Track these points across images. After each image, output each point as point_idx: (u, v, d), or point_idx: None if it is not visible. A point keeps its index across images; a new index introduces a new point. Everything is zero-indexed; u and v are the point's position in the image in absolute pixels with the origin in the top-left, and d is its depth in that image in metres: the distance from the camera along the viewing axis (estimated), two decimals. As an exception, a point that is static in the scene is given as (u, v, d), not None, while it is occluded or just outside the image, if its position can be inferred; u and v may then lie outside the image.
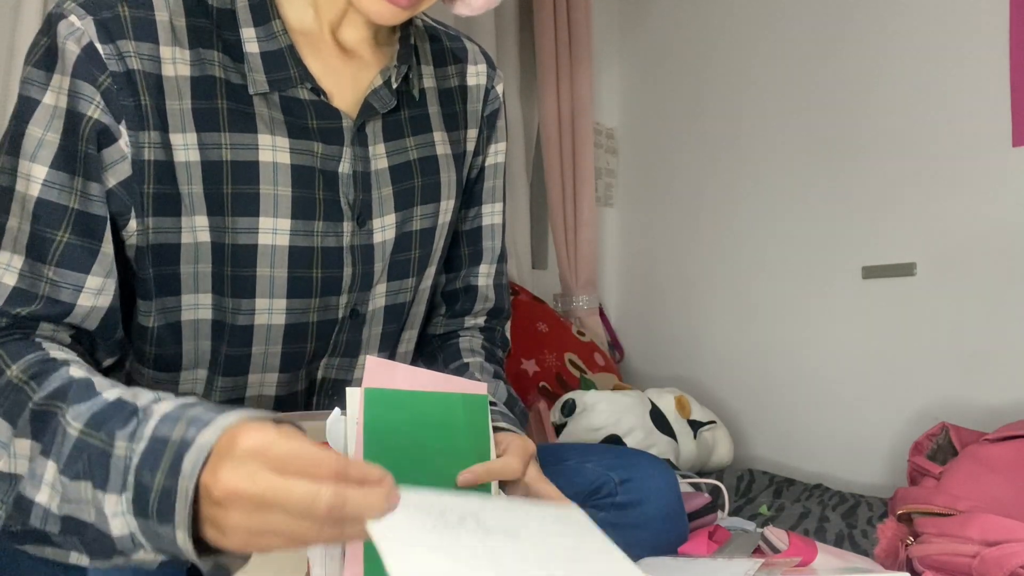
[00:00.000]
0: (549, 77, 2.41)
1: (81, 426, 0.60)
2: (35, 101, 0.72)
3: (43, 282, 0.70)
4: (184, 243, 0.77)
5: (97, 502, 0.58)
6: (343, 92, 0.84)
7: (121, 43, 0.72)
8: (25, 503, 0.61)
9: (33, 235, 0.70)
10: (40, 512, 0.60)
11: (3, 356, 0.67)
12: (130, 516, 0.57)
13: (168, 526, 0.54)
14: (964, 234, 1.91)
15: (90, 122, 0.72)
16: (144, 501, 0.55)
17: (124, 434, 0.58)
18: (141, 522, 0.56)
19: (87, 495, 0.58)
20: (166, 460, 0.55)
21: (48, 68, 0.72)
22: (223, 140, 0.76)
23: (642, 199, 2.65)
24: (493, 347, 1.04)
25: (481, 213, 1.02)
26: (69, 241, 0.71)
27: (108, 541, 0.58)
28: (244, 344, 0.81)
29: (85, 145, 0.72)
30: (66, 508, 0.59)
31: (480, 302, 1.03)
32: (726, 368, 2.36)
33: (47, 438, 0.61)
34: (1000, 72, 1.86)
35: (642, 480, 0.93)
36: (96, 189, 0.73)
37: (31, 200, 0.70)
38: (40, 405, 0.63)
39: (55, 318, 0.71)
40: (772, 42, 2.30)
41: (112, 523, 0.57)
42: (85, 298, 0.72)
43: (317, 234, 0.81)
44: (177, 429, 0.56)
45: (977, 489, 1.29)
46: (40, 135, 0.71)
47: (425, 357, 1.03)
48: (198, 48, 0.77)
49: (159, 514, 0.55)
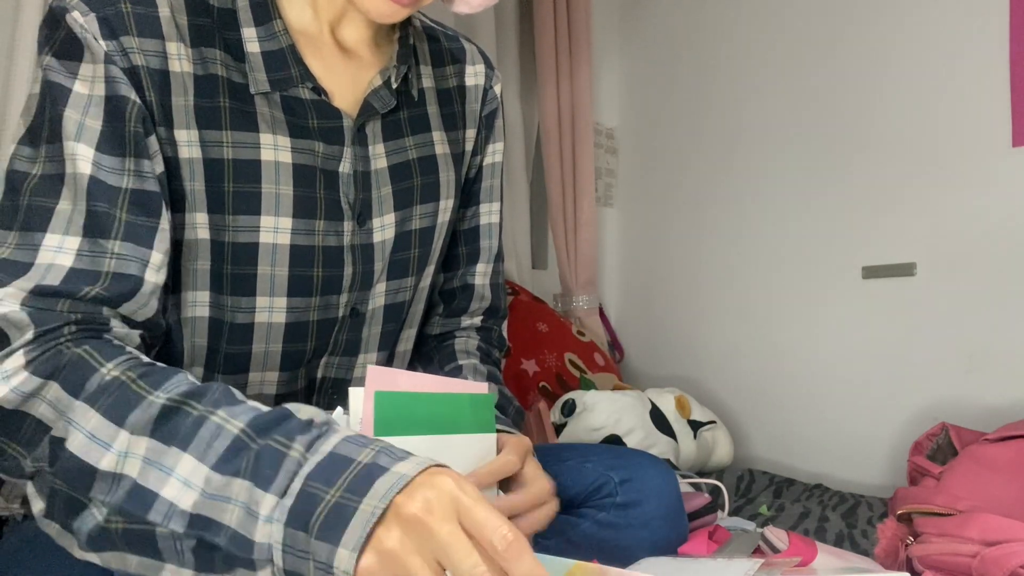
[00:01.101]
0: (549, 77, 2.41)
1: (243, 425, 0.58)
2: (66, 88, 0.70)
3: (107, 257, 0.68)
4: (186, 239, 0.77)
5: (252, 502, 0.55)
6: (343, 92, 0.84)
7: (124, 39, 0.72)
8: (146, 496, 0.57)
9: (91, 212, 0.68)
10: (164, 507, 0.57)
11: (91, 353, 0.63)
12: (279, 524, 0.54)
13: (326, 545, 0.52)
14: (964, 234, 1.91)
15: (135, 105, 0.71)
16: (307, 512, 0.54)
17: (304, 440, 0.57)
18: (290, 533, 0.54)
19: (241, 495, 0.56)
20: (348, 478, 0.54)
21: (73, 57, 0.71)
22: (225, 138, 0.76)
23: (642, 199, 2.65)
24: (490, 347, 1.04)
25: (479, 212, 1.02)
26: (128, 218, 0.70)
27: (243, 547, 0.55)
28: (244, 342, 0.81)
29: (133, 125, 0.71)
30: (204, 506, 0.56)
31: (476, 301, 1.03)
32: (726, 368, 2.36)
33: (183, 435, 0.58)
34: (1000, 72, 1.86)
35: (642, 480, 0.93)
36: (148, 166, 0.72)
37: (83, 178, 0.68)
38: (171, 403, 0.60)
39: (122, 297, 0.68)
40: (772, 42, 2.30)
41: (260, 527, 0.55)
42: (150, 273, 0.70)
43: (318, 233, 0.81)
44: (364, 453, 0.56)
45: (977, 489, 1.29)
46: (80, 119, 0.69)
47: (422, 358, 1.03)
48: (201, 47, 0.77)
49: (322, 528, 0.53)
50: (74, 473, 0.59)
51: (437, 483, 0.53)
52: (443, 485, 0.53)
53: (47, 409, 0.61)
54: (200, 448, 0.58)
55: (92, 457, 0.59)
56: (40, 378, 0.62)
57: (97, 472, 0.59)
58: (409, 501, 0.52)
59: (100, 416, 0.60)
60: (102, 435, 0.59)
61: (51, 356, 0.63)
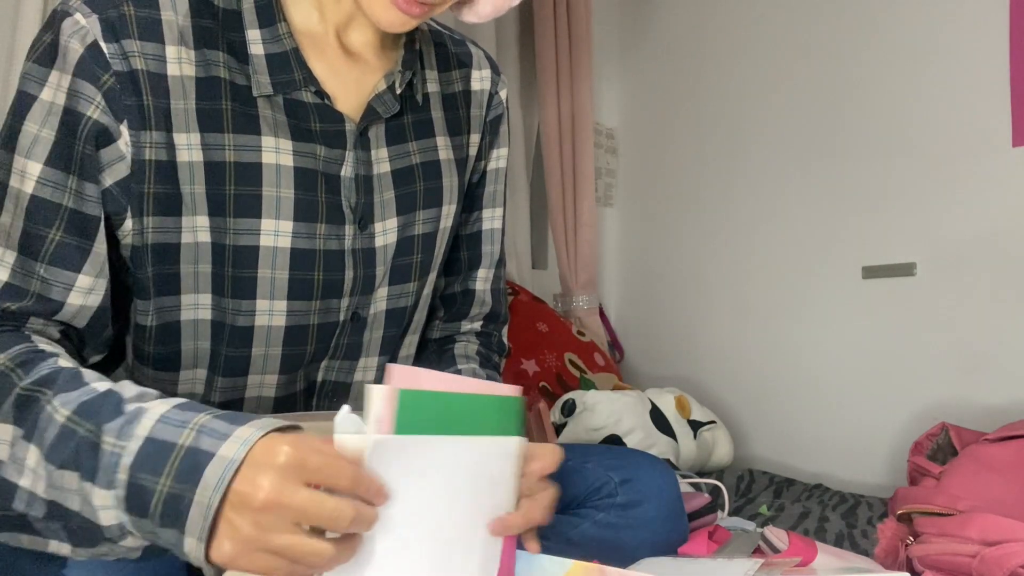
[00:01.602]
0: (549, 77, 2.41)
1: (69, 413, 0.61)
2: (32, 97, 0.71)
3: (34, 279, 0.71)
4: (184, 243, 0.77)
5: (84, 492, 0.59)
6: (347, 95, 0.83)
7: (126, 42, 0.72)
8: (8, 487, 0.61)
9: (26, 232, 0.71)
10: (24, 496, 0.61)
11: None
12: (121, 511, 0.58)
13: (172, 531, 0.55)
14: (964, 234, 1.91)
15: (89, 122, 0.72)
16: (142, 502, 0.56)
17: (112, 428, 0.59)
18: (135, 520, 0.57)
19: (73, 484, 0.59)
20: (173, 465, 0.56)
21: (48, 65, 0.71)
22: (227, 141, 0.76)
23: (642, 199, 2.65)
24: (489, 352, 1.04)
25: (481, 217, 1.02)
26: (61, 239, 0.71)
27: (95, 529, 0.59)
28: (244, 345, 0.81)
29: (83, 145, 0.72)
30: (52, 494, 0.60)
31: (477, 306, 1.03)
32: (726, 368, 2.36)
33: (30, 423, 0.62)
34: (1000, 72, 1.86)
35: (642, 480, 0.93)
36: (91, 189, 0.73)
37: (25, 197, 0.71)
38: (26, 390, 0.63)
39: (45, 314, 0.72)
40: (772, 42, 2.30)
41: (101, 514, 0.58)
42: (75, 296, 0.72)
43: (319, 237, 0.81)
44: (184, 435, 0.57)
45: (977, 489, 1.29)
46: (36, 131, 0.71)
47: (421, 362, 1.03)
48: (203, 49, 0.77)
49: (163, 517, 0.56)
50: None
51: (271, 459, 0.55)
52: (283, 460, 0.54)
53: None
54: (40, 437, 0.61)
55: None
56: None
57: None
58: (250, 488, 0.54)
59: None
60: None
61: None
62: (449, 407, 0.66)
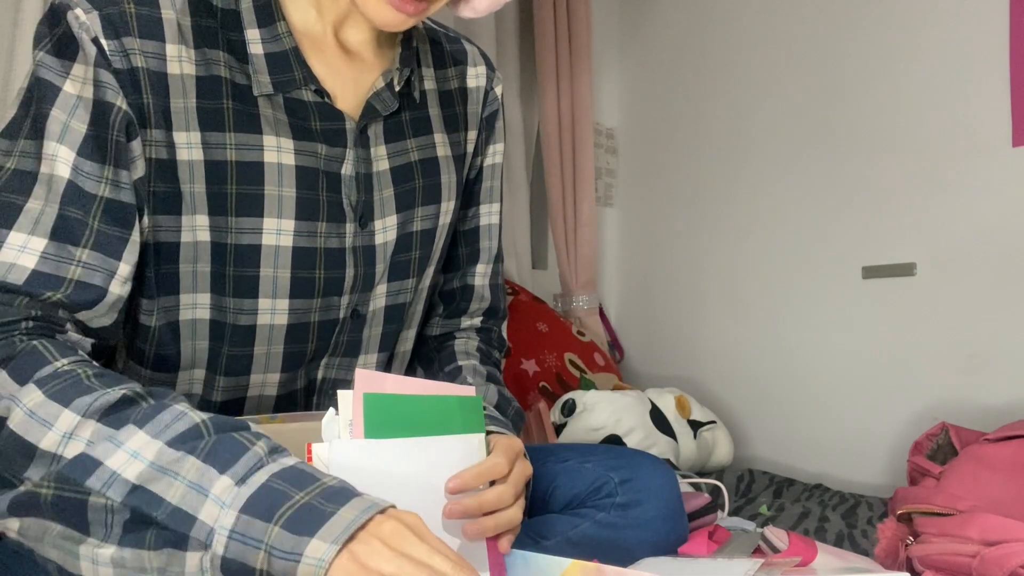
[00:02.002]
0: (549, 77, 2.41)
1: (205, 417, 0.60)
2: (55, 87, 0.70)
3: (73, 265, 0.68)
4: (184, 242, 0.76)
5: (206, 480, 0.57)
6: (345, 94, 0.84)
7: (126, 40, 0.72)
8: (89, 463, 0.57)
9: (62, 217, 0.68)
10: (106, 475, 0.57)
11: (47, 347, 0.64)
12: (230, 510, 0.56)
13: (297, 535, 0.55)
14: (964, 234, 1.91)
15: (120, 112, 0.71)
16: (269, 504, 0.56)
17: (267, 444, 0.60)
18: (244, 519, 0.55)
19: (191, 473, 0.57)
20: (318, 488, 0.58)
21: (67, 56, 0.70)
22: (228, 140, 0.76)
23: (642, 199, 2.65)
24: (489, 348, 1.04)
25: (479, 213, 1.02)
26: (100, 228, 0.70)
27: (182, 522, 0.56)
28: (246, 344, 0.81)
29: (115, 133, 0.71)
30: (149, 477, 0.57)
31: (476, 301, 1.03)
32: (726, 368, 2.36)
33: (138, 415, 0.60)
34: (1000, 72, 1.86)
35: (642, 480, 0.93)
36: (126, 177, 0.72)
37: (60, 181, 0.68)
38: (132, 392, 0.61)
39: (83, 305, 0.69)
40: (772, 42, 2.30)
41: (207, 506, 0.56)
42: (115, 285, 0.71)
43: (320, 235, 0.81)
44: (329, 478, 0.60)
45: (977, 489, 1.29)
46: (64, 120, 0.69)
47: (422, 359, 1.03)
48: (204, 48, 0.77)
49: (290, 521, 0.55)
50: (12, 453, 0.59)
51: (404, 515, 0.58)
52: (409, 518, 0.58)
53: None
54: (157, 428, 0.59)
55: (33, 436, 0.59)
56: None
57: (37, 451, 0.58)
58: (388, 521, 0.57)
59: (44, 396, 0.60)
60: (43, 413, 0.59)
61: (3, 346, 0.63)
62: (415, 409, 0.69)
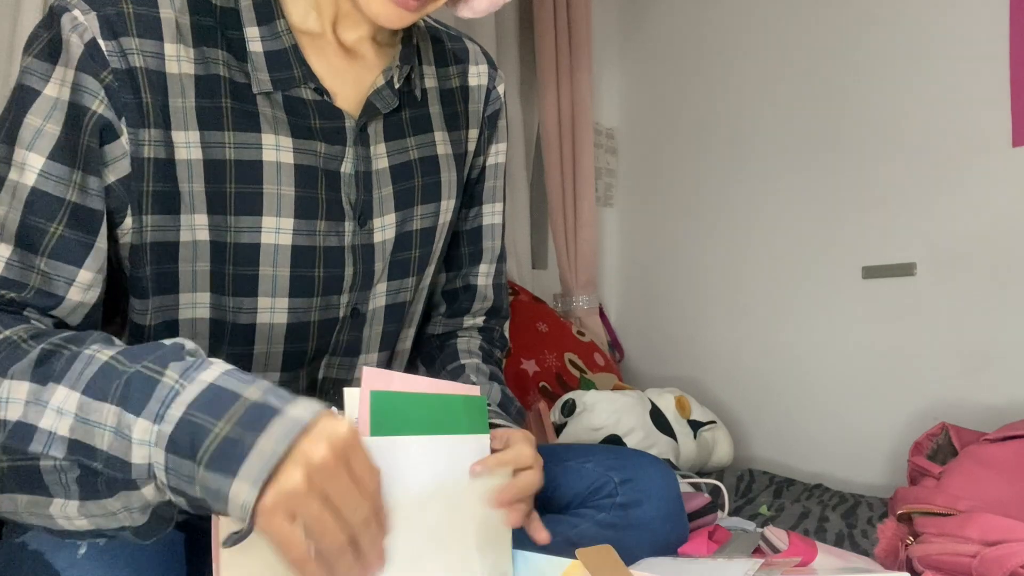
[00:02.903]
0: (549, 77, 2.41)
1: (113, 353, 0.61)
2: (35, 92, 0.71)
3: (34, 273, 0.69)
4: (183, 241, 0.76)
5: (122, 425, 0.57)
6: (345, 92, 0.84)
7: (124, 40, 0.72)
8: (26, 430, 0.59)
9: (25, 225, 0.69)
10: (44, 437, 0.59)
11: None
12: (158, 449, 0.57)
13: (219, 475, 0.55)
14: (964, 234, 1.91)
15: (94, 116, 0.71)
16: (192, 441, 0.56)
17: (178, 366, 0.59)
18: (172, 458, 0.56)
19: (109, 419, 0.58)
20: (236, 412, 0.56)
21: (50, 60, 0.71)
22: (227, 139, 0.76)
23: (642, 199, 2.65)
24: (491, 347, 1.04)
25: (481, 213, 1.02)
26: (63, 234, 0.70)
27: (120, 468, 0.57)
28: (246, 343, 0.81)
29: (87, 139, 0.71)
30: (78, 430, 0.58)
31: (479, 301, 1.03)
32: (726, 368, 2.36)
33: (58, 369, 0.60)
34: (1000, 72, 1.86)
35: (642, 481, 0.93)
36: (95, 183, 0.72)
37: (24, 189, 0.69)
38: (50, 346, 0.62)
39: (42, 309, 0.70)
40: (772, 42, 2.30)
41: (135, 450, 0.57)
42: (75, 292, 0.72)
43: (319, 234, 0.81)
44: (251, 390, 0.58)
45: (977, 489, 1.29)
46: (39, 125, 0.70)
47: (424, 357, 1.03)
48: (202, 47, 0.77)
49: (213, 459, 0.55)
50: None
51: (335, 429, 0.58)
52: (340, 431, 0.58)
53: None
54: (72, 378, 0.60)
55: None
56: None
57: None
58: (313, 446, 0.55)
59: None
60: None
61: None
62: (421, 407, 0.69)
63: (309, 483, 0.55)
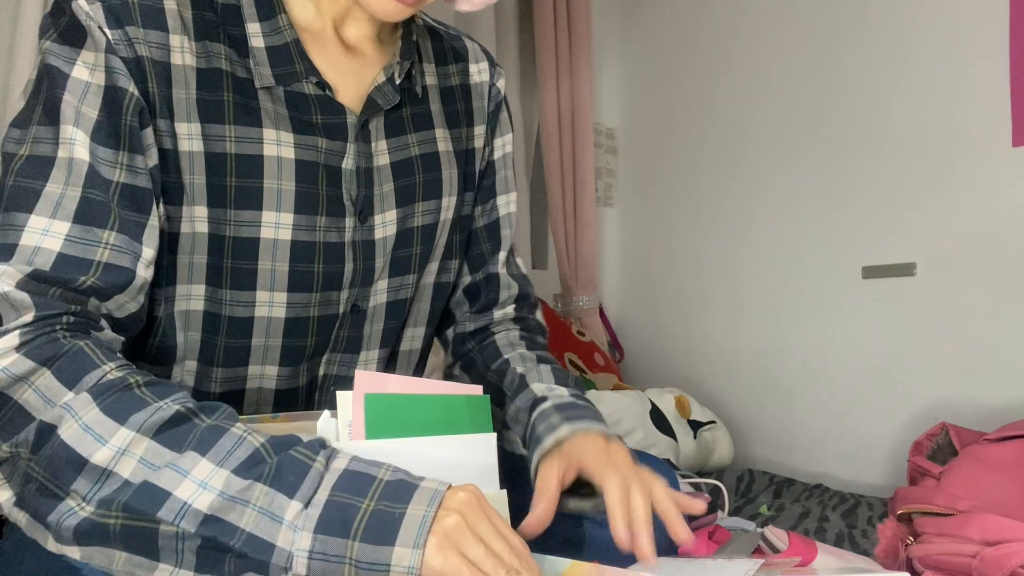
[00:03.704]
0: (549, 77, 2.41)
1: (263, 440, 0.61)
2: (64, 73, 0.69)
3: (101, 247, 0.67)
4: (183, 232, 0.76)
5: (276, 507, 0.58)
6: (347, 88, 0.84)
7: (130, 29, 0.72)
8: (158, 494, 0.58)
9: (86, 200, 0.67)
10: (177, 506, 0.57)
11: (93, 348, 0.63)
12: (305, 532, 0.57)
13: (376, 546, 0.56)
14: (964, 234, 1.91)
15: (133, 98, 0.71)
16: (342, 519, 0.57)
17: (324, 453, 0.61)
18: (321, 539, 0.57)
19: (260, 500, 0.58)
20: (377, 489, 0.59)
21: (75, 44, 0.70)
22: (228, 132, 0.76)
23: (642, 199, 2.65)
24: (532, 335, 1.03)
25: (497, 205, 1.02)
26: (120, 213, 0.69)
27: (261, 550, 0.57)
28: (243, 336, 0.81)
29: (129, 119, 0.71)
30: (220, 506, 0.57)
31: (504, 290, 1.02)
32: (726, 368, 2.36)
33: (198, 441, 0.60)
34: (1000, 72, 1.86)
35: (643, 481, 0.92)
36: (141, 162, 0.71)
37: (81, 164, 0.68)
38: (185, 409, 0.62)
39: (116, 290, 0.68)
40: (772, 42, 2.30)
41: (282, 532, 0.57)
42: (143, 269, 0.70)
43: (319, 229, 0.81)
44: (382, 472, 0.61)
45: (977, 489, 1.29)
46: (77, 105, 0.69)
47: (464, 364, 1.02)
48: (205, 41, 0.77)
49: (368, 532, 0.57)
50: (60, 463, 0.59)
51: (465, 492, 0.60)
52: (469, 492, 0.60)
53: (33, 396, 0.60)
54: (220, 454, 0.59)
55: (85, 449, 0.59)
56: (33, 362, 0.61)
57: (87, 465, 0.59)
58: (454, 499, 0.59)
59: (99, 411, 0.60)
60: (99, 429, 0.59)
61: (47, 343, 0.62)
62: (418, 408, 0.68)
63: (465, 519, 0.58)
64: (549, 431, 0.84)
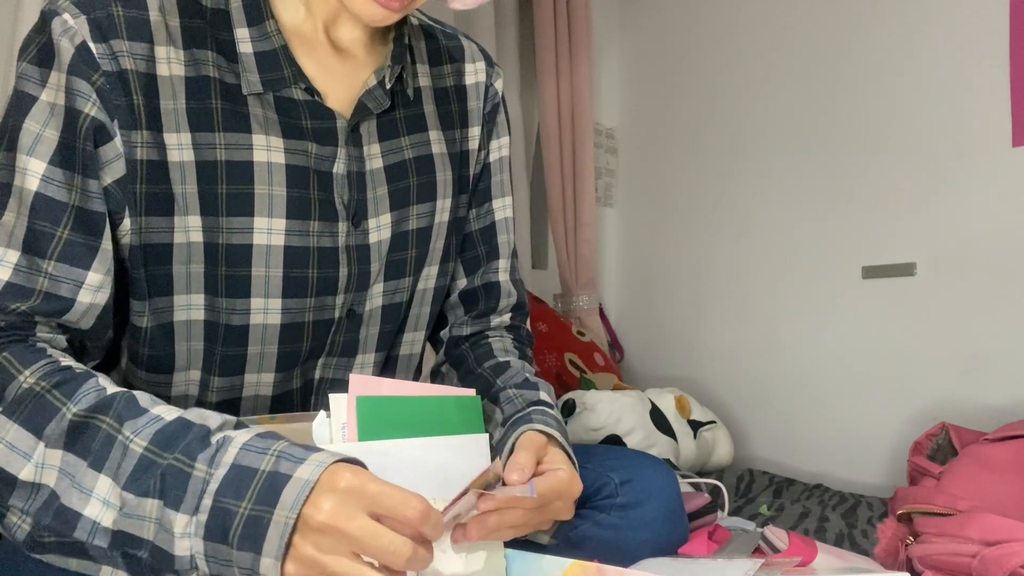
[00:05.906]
0: (549, 77, 2.41)
1: (146, 443, 0.62)
2: (31, 97, 0.71)
3: (42, 277, 0.70)
4: (176, 243, 0.76)
5: (166, 521, 0.59)
6: (337, 92, 0.83)
7: (114, 42, 0.72)
8: (70, 515, 0.61)
9: (31, 230, 0.70)
10: (88, 525, 0.61)
11: (10, 360, 0.66)
12: (197, 539, 0.58)
13: (249, 553, 0.57)
14: (964, 234, 1.91)
15: (87, 119, 0.72)
16: (223, 526, 0.58)
17: (205, 457, 0.61)
18: (210, 545, 0.58)
19: (153, 512, 0.60)
20: (255, 489, 0.58)
21: (44, 65, 0.71)
22: (217, 140, 0.76)
23: (642, 199, 2.65)
24: (522, 346, 1.03)
25: (492, 209, 1.02)
26: (69, 237, 0.71)
27: (164, 560, 0.59)
28: (240, 344, 0.81)
29: (83, 142, 0.72)
30: (123, 523, 0.60)
31: (504, 298, 1.02)
32: (726, 368, 2.36)
33: (95, 453, 0.62)
34: (1000, 72, 1.86)
35: (643, 481, 0.92)
36: (94, 185, 0.73)
37: (29, 194, 0.70)
38: (80, 417, 0.63)
39: (52, 315, 0.71)
40: (772, 42, 2.30)
41: (178, 543, 0.59)
42: (84, 295, 0.72)
43: (312, 234, 0.81)
44: (265, 460, 0.60)
45: (977, 489, 1.29)
46: (37, 131, 0.71)
47: (453, 360, 1.02)
48: (192, 48, 0.77)
49: (242, 539, 0.57)
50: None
51: (339, 484, 0.57)
52: (344, 485, 0.57)
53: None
54: (112, 468, 0.62)
55: (13, 467, 0.63)
56: None
57: (17, 481, 0.63)
58: (315, 511, 0.57)
59: (18, 427, 0.63)
60: (21, 446, 0.63)
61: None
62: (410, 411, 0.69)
63: (318, 547, 0.57)
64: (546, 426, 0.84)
